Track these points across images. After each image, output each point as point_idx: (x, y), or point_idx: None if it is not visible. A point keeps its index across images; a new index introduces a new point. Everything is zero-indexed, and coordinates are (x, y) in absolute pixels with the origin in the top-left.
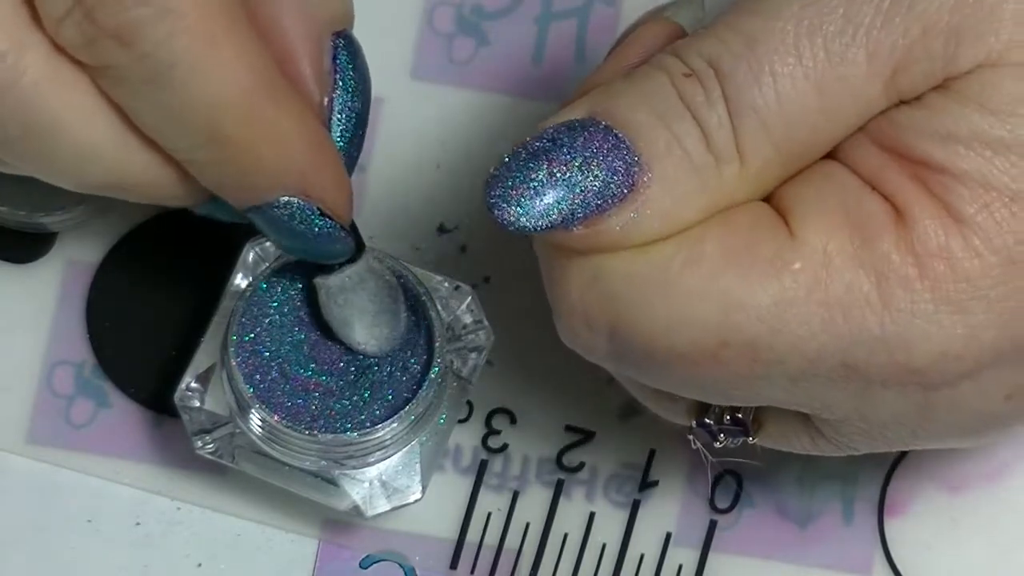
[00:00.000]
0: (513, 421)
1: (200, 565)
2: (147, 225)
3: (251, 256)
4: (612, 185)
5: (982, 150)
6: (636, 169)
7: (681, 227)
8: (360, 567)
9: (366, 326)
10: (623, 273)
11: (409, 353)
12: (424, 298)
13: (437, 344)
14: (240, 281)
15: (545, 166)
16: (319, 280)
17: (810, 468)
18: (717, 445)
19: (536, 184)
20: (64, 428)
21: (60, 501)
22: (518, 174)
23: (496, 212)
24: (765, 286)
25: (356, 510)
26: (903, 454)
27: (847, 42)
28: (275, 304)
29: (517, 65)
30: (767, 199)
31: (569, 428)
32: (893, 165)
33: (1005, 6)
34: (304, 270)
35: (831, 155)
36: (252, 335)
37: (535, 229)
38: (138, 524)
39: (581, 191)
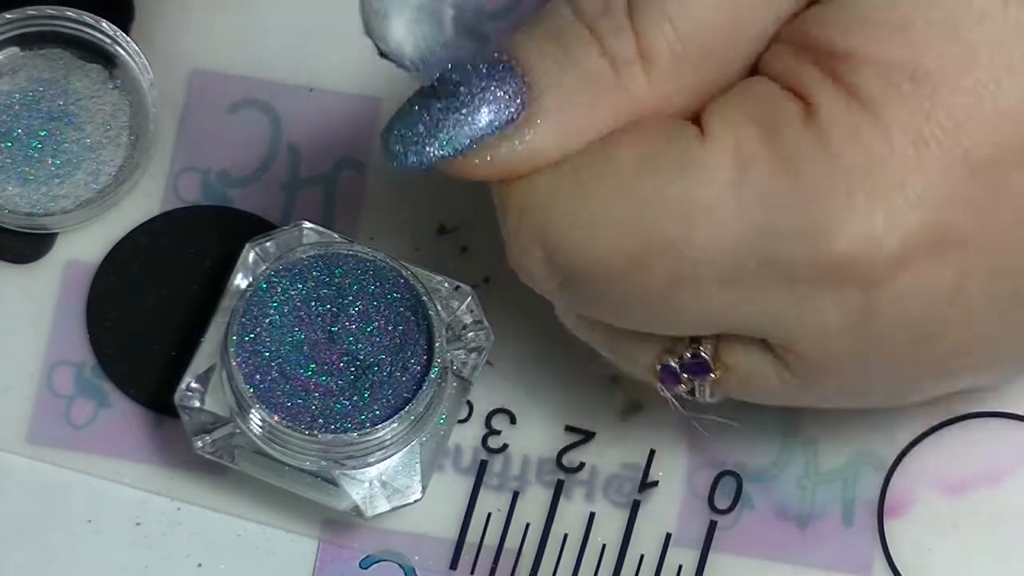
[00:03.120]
0: (513, 421)
1: (200, 565)
2: (147, 225)
3: (251, 256)
4: (500, 109)
5: (883, 30)
6: (524, 89)
7: (591, 134)
8: (360, 567)
9: (406, 22)
10: (545, 190)
11: (409, 353)
12: (424, 298)
13: (437, 344)
14: (240, 281)
15: (436, 101)
16: None
17: (810, 469)
18: (683, 389)
19: (426, 120)
20: (64, 428)
21: (60, 501)
22: (411, 115)
23: (388, 148)
24: (676, 184)
25: (356, 510)
26: (903, 454)
27: None
28: (275, 304)
29: None
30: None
31: (569, 428)
32: (805, 62)
33: None
34: (304, 270)
35: (755, 71)
36: (252, 335)
37: (424, 163)
38: (138, 524)
39: (468, 121)
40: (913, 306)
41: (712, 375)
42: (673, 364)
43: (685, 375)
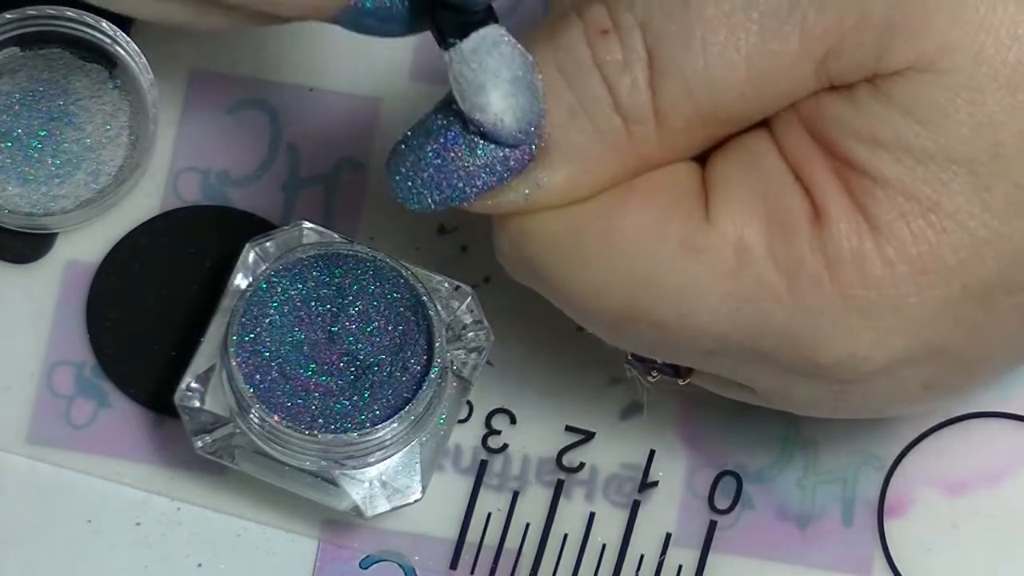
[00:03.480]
0: (513, 421)
1: (200, 565)
2: (147, 225)
3: (251, 256)
4: (503, 160)
5: (904, 157)
6: (533, 141)
7: (597, 187)
8: (360, 567)
9: (503, 94)
10: (543, 234)
11: (409, 353)
12: (424, 298)
13: (437, 344)
14: (240, 281)
15: (434, 144)
16: (451, 50)
17: (810, 469)
18: (651, 379)
19: (427, 163)
20: (64, 428)
21: (60, 501)
22: (413, 153)
23: (393, 188)
24: (673, 272)
25: (356, 510)
26: (903, 454)
27: (782, 19)
28: (275, 304)
29: None
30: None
31: (569, 428)
32: (818, 155)
33: (940, 8)
34: (304, 270)
35: (765, 123)
36: (252, 335)
37: (430, 208)
38: (138, 524)
39: (468, 171)
40: (887, 393)
41: (679, 381)
42: (646, 358)
43: (655, 371)
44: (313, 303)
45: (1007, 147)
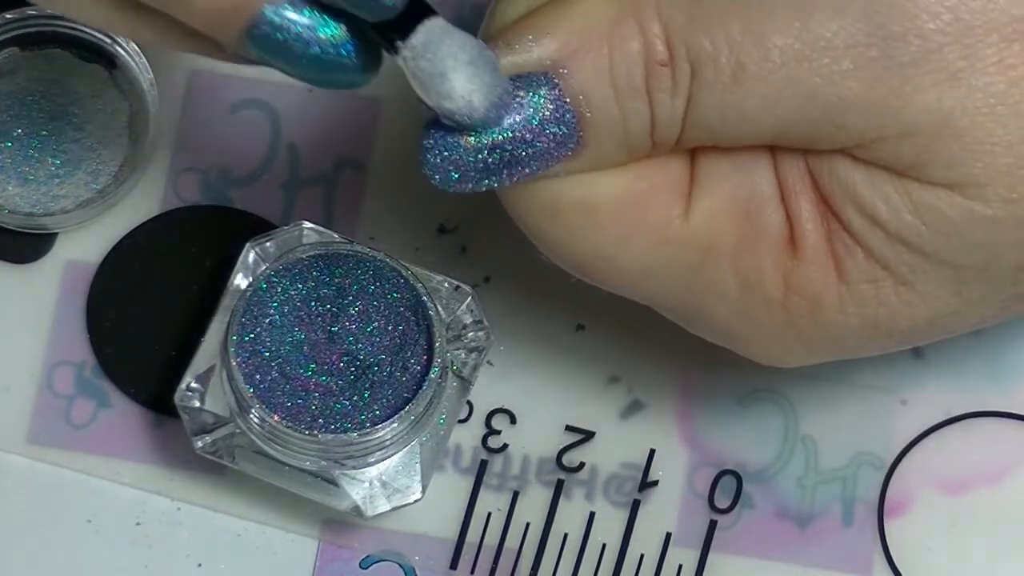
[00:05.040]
0: (513, 421)
1: (200, 565)
2: (147, 225)
3: (251, 256)
4: (547, 156)
5: (898, 245)
6: (574, 143)
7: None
8: (360, 567)
9: (466, 76)
10: (531, 190)
11: (409, 353)
12: (424, 298)
13: (437, 344)
14: (240, 281)
15: (489, 136)
16: (403, 49)
17: (810, 469)
18: None
19: (476, 149)
20: (64, 428)
21: (60, 501)
22: (453, 133)
23: (427, 170)
24: (638, 253)
25: (356, 510)
26: (903, 454)
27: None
28: (275, 304)
29: None
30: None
31: (569, 428)
32: (811, 195)
33: (987, 143)
34: (304, 270)
35: None
36: (252, 335)
37: (464, 190)
38: (138, 524)
39: (516, 160)
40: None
41: None
42: None
43: None
44: (313, 303)
45: (998, 267)
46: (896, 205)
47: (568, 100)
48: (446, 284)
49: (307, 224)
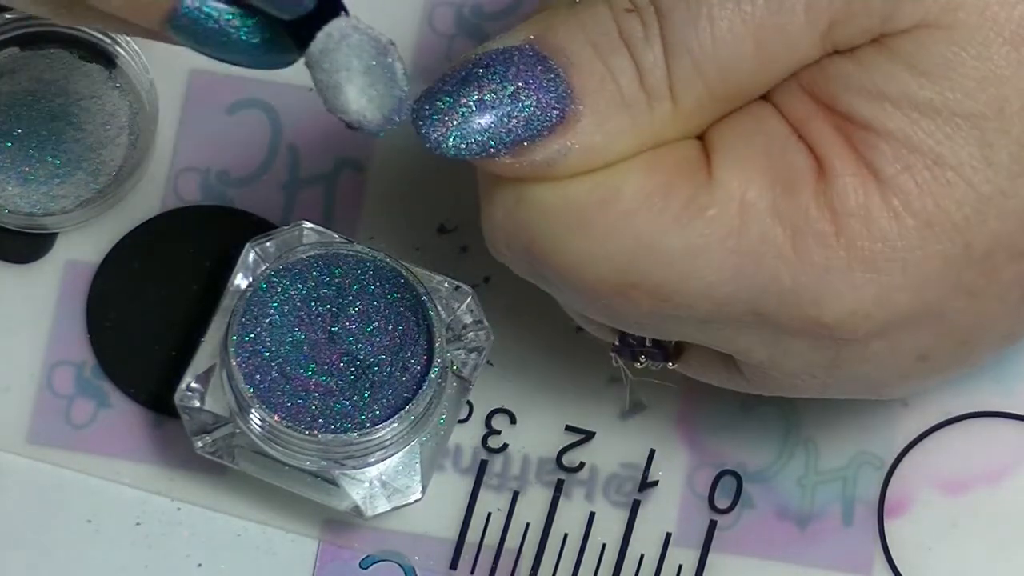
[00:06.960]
0: (513, 421)
1: (200, 565)
2: (147, 225)
3: (251, 256)
4: (542, 116)
5: (909, 111)
6: (568, 101)
7: (607, 163)
8: (360, 567)
9: (359, 89)
10: (542, 204)
11: (409, 353)
12: (424, 298)
13: (437, 344)
14: (240, 281)
15: (476, 92)
16: (305, 58)
17: (810, 469)
18: (638, 366)
19: (466, 109)
20: (64, 428)
21: (60, 501)
22: (449, 97)
23: (424, 132)
24: (677, 231)
25: (356, 510)
26: (903, 454)
27: None
28: (275, 304)
29: None
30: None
31: (569, 428)
32: (820, 115)
33: None
34: (304, 270)
35: (764, 96)
36: (252, 335)
37: (460, 154)
38: (138, 524)
39: (509, 119)
40: (882, 360)
41: (669, 364)
42: (632, 342)
43: (642, 356)
44: (313, 303)
45: (1011, 103)
46: (888, 69)
47: (547, 54)
48: (446, 284)
49: (307, 224)
